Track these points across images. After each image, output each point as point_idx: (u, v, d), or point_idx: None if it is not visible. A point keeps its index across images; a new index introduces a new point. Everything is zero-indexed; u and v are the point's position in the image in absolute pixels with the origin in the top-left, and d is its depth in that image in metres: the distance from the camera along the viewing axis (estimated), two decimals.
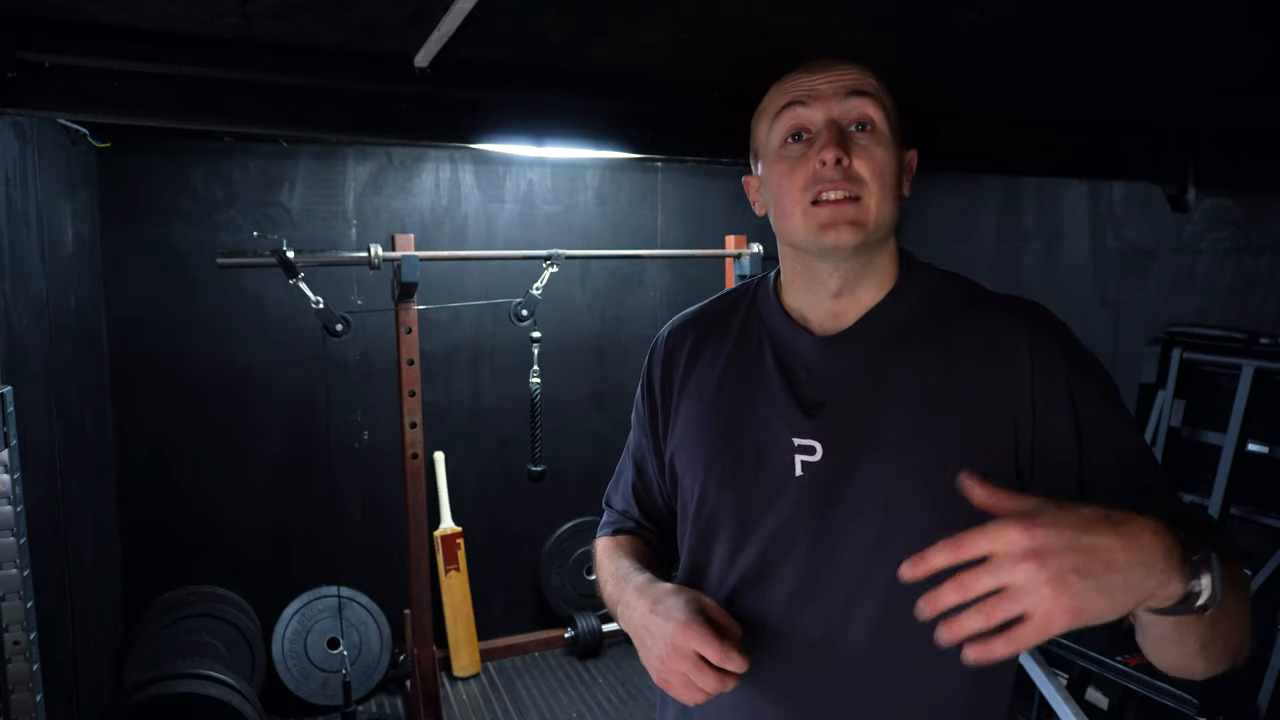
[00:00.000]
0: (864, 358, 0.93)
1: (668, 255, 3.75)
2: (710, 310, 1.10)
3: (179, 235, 3.10)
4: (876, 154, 0.90)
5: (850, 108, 0.91)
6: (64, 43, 1.43)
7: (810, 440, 0.92)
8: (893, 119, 0.93)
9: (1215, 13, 1.40)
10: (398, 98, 1.70)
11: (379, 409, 3.41)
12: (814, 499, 0.91)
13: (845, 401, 0.92)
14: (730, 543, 0.97)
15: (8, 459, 1.56)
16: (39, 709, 1.60)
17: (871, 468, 0.89)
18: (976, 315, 0.93)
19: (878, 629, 0.88)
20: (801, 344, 0.97)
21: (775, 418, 0.95)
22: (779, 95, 0.95)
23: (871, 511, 0.89)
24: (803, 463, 0.92)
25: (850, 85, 0.91)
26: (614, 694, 3.31)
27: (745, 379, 0.99)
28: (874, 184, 0.89)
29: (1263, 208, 2.70)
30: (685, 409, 1.04)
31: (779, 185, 0.93)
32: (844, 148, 0.89)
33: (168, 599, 3.08)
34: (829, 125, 0.90)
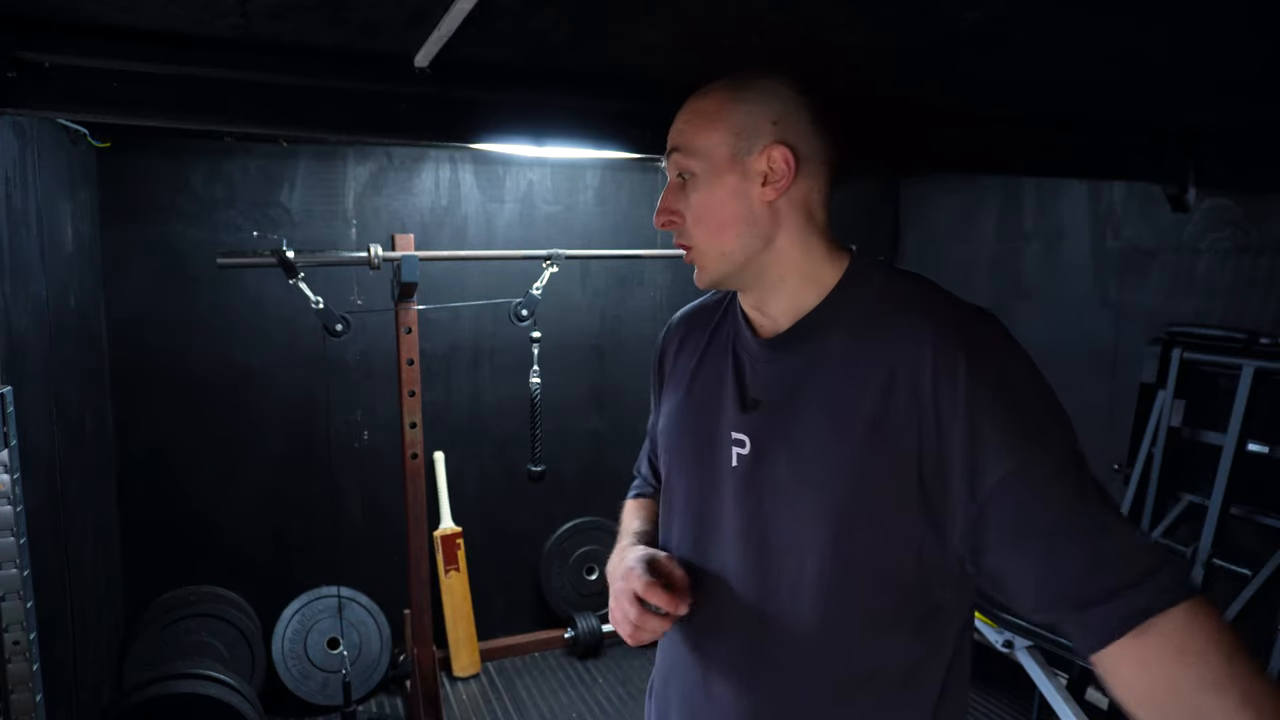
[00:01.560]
0: (795, 361, 0.99)
1: (668, 255, 3.74)
2: (703, 308, 1.18)
3: (179, 235, 3.10)
4: (693, 200, 0.98)
5: (674, 165, 1.00)
6: (64, 43, 1.43)
7: (742, 434, 1.00)
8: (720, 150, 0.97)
9: (1215, 12, 1.40)
10: (398, 98, 1.70)
11: (379, 409, 3.41)
12: (742, 489, 0.99)
13: (774, 401, 0.99)
14: (681, 523, 1.08)
15: (8, 459, 1.56)
16: (39, 709, 1.60)
17: (786, 465, 0.96)
18: (908, 326, 0.92)
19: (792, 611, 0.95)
20: (748, 343, 1.05)
21: (724, 411, 1.03)
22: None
23: (784, 506, 0.96)
24: (737, 455, 1.00)
25: (672, 141, 1.01)
26: (614, 694, 3.31)
27: (712, 372, 1.08)
28: (696, 230, 0.99)
29: (1263, 208, 2.70)
30: (668, 396, 1.15)
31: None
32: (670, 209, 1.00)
33: (168, 599, 3.08)
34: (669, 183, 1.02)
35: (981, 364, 0.88)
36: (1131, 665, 0.79)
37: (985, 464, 0.85)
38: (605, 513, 3.79)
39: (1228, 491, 2.53)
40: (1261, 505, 2.56)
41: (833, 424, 0.93)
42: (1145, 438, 2.81)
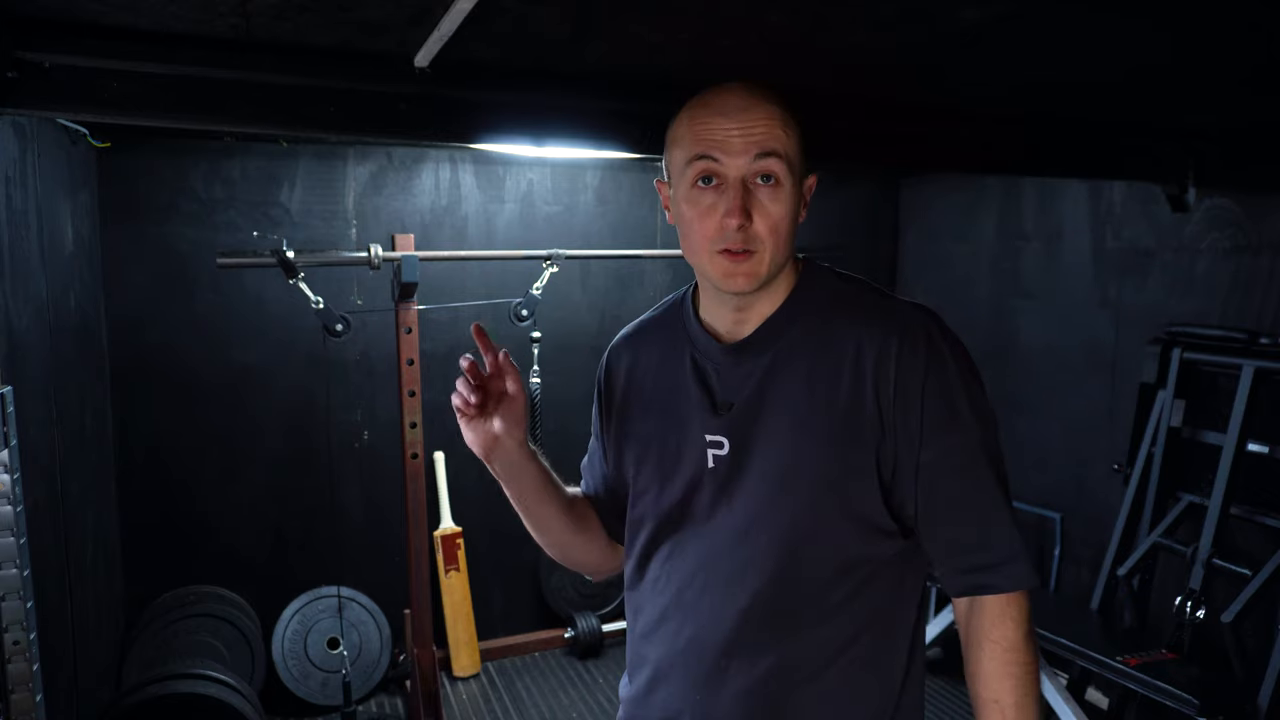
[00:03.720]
0: (761, 363, 1.06)
1: (668, 255, 3.75)
2: (649, 324, 1.23)
3: (179, 235, 3.10)
4: (774, 211, 1.00)
5: (758, 168, 1.00)
6: (64, 43, 1.43)
7: (719, 436, 1.06)
8: (795, 161, 1.02)
9: (1215, 12, 1.40)
10: (397, 97, 1.70)
11: (379, 409, 3.41)
12: (722, 485, 1.06)
13: (745, 402, 1.06)
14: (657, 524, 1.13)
15: (8, 459, 1.56)
16: (39, 709, 1.60)
17: (765, 458, 1.03)
18: (857, 323, 1.04)
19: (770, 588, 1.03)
20: (712, 351, 1.10)
21: (693, 418, 1.09)
22: (693, 138, 1.02)
23: (765, 494, 1.03)
24: (714, 455, 1.07)
25: (760, 144, 0.99)
26: (614, 694, 3.31)
27: (671, 385, 1.13)
28: (769, 240, 1.00)
29: (1263, 208, 2.70)
30: (625, 414, 1.19)
31: (689, 225, 1.04)
32: (746, 210, 0.99)
33: (168, 599, 3.08)
34: (737, 186, 1.00)
35: (931, 358, 1.01)
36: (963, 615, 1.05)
37: (925, 445, 1.01)
38: None
39: (1228, 491, 2.53)
40: (1261, 505, 2.56)
41: (805, 416, 1.02)
42: (1145, 438, 2.81)
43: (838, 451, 1.01)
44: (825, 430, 1.01)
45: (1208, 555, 2.51)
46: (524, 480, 1.19)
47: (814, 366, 1.03)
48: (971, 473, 1.02)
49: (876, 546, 1.04)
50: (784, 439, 1.03)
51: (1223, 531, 2.53)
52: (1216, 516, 2.53)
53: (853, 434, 1.01)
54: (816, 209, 3.00)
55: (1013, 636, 1.01)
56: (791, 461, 1.02)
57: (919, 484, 1.02)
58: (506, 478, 1.18)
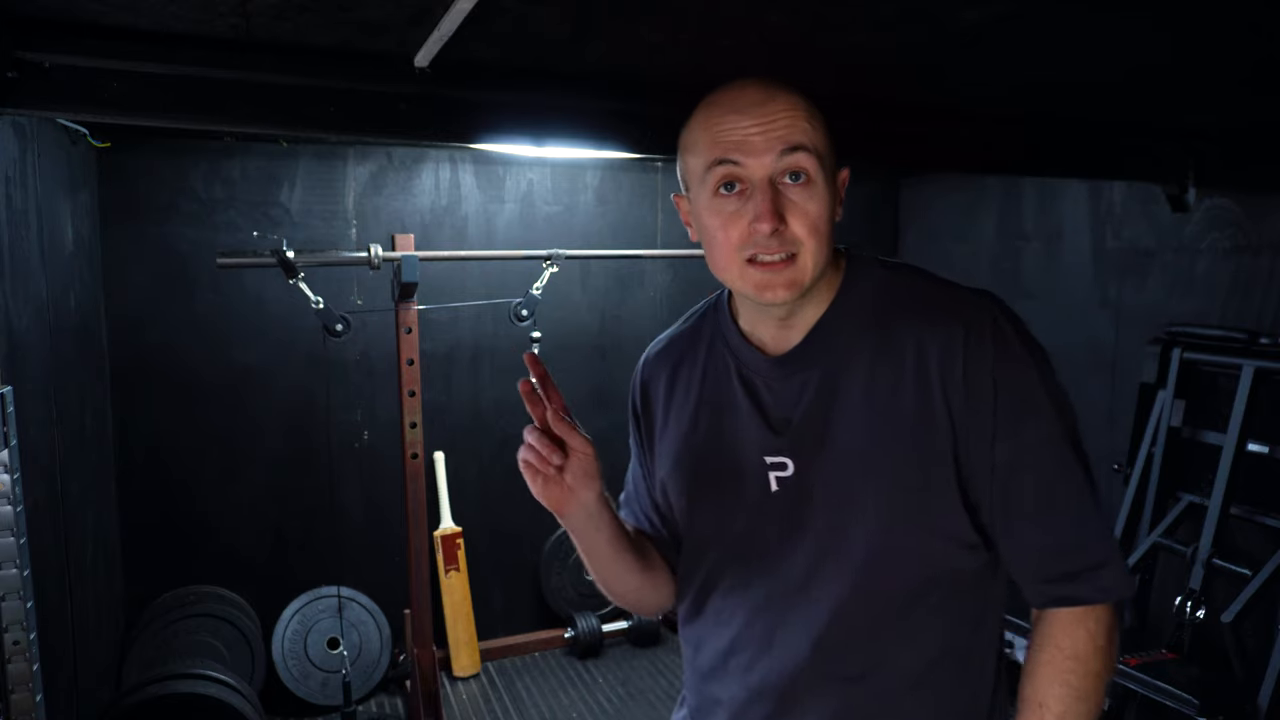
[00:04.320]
0: (815, 372, 0.97)
1: (668, 255, 3.75)
2: (680, 337, 1.13)
3: (179, 235, 3.10)
4: (810, 209, 0.91)
5: (785, 165, 0.90)
6: (64, 43, 1.43)
7: (781, 458, 0.97)
8: (825, 154, 0.93)
9: (1215, 11, 1.40)
10: (397, 98, 1.70)
11: (379, 409, 3.41)
12: (790, 509, 0.97)
13: (807, 417, 0.97)
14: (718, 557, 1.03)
15: (8, 459, 1.56)
16: (39, 709, 1.60)
17: (833, 477, 0.95)
18: (915, 319, 0.95)
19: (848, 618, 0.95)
20: (759, 364, 1.01)
21: (747, 438, 1.00)
22: (709, 141, 0.93)
23: (836, 516, 0.95)
24: (777, 478, 0.98)
25: (784, 139, 0.90)
26: (614, 694, 3.31)
27: (718, 403, 1.03)
28: (809, 241, 0.91)
29: (1263, 208, 2.70)
30: (669, 438, 1.08)
31: (713, 236, 0.95)
32: (779, 212, 0.90)
33: (168, 599, 3.08)
34: (764, 187, 0.90)
35: (1000, 347, 0.92)
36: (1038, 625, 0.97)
37: (999, 441, 0.92)
38: None
39: (1228, 491, 2.52)
40: (1261, 505, 2.56)
41: (871, 427, 0.93)
42: (1145, 438, 2.81)
43: (911, 462, 0.92)
44: (895, 440, 0.93)
45: (1208, 555, 2.51)
46: (600, 533, 1.05)
47: (874, 371, 0.95)
48: (1053, 468, 0.93)
49: (959, 561, 0.95)
50: (852, 454, 0.94)
51: (1223, 531, 2.52)
52: (1216, 516, 2.52)
53: (925, 442, 0.92)
54: None
55: (1083, 647, 0.92)
56: (862, 478, 0.94)
57: (995, 485, 0.93)
58: (581, 531, 1.05)
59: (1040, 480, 0.93)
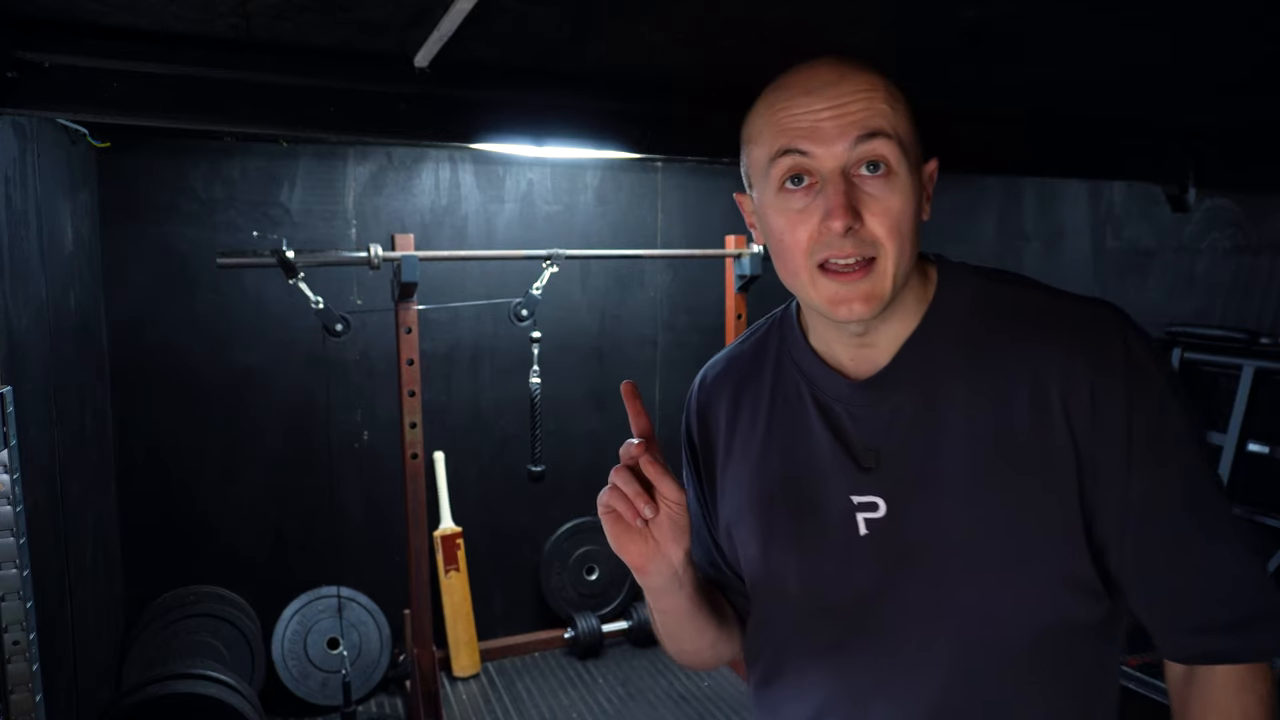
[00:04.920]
0: (909, 397, 0.84)
1: (668, 255, 3.74)
2: (741, 357, 0.99)
3: (179, 235, 3.10)
4: (892, 205, 0.78)
5: (862, 154, 0.78)
6: (64, 43, 1.43)
7: (871, 497, 0.84)
8: (909, 142, 0.81)
9: (1215, 11, 1.40)
10: (397, 98, 1.70)
11: (379, 409, 3.41)
12: (883, 557, 0.84)
13: (900, 449, 0.84)
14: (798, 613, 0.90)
15: (8, 459, 1.56)
16: (39, 709, 1.60)
17: (936, 520, 0.82)
18: (1028, 335, 0.82)
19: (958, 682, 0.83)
20: (839, 389, 0.87)
21: (829, 474, 0.86)
22: (774, 128, 0.81)
23: (941, 565, 0.82)
24: (866, 520, 0.84)
25: (860, 123, 0.78)
26: (614, 694, 3.31)
27: (791, 434, 0.90)
28: (890, 243, 0.78)
29: (1263, 208, 2.70)
30: (734, 473, 0.95)
31: (780, 238, 0.82)
32: (854, 209, 0.77)
33: (168, 599, 3.08)
34: (836, 180, 0.78)
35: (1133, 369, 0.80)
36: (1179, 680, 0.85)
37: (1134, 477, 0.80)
38: None
39: (1228, 492, 2.52)
40: (1262, 505, 2.56)
41: (980, 461, 0.81)
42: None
43: (1027, 500, 0.80)
44: (1007, 475, 0.80)
45: None
46: (683, 591, 0.90)
47: (978, 396, 0.82)
48: (1199, 505, 0.80)
49: (1081, 612, 0.82)
50: (956, 492, 0.81)
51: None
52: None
53: (1043, 476, 0.80)
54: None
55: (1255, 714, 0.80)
56: (970, 519, 0.81)
57: (1128, 526, 0.80)
58: (661, 591, 0.90)
59: (1185, 518, 0.80)
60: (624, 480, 0.82)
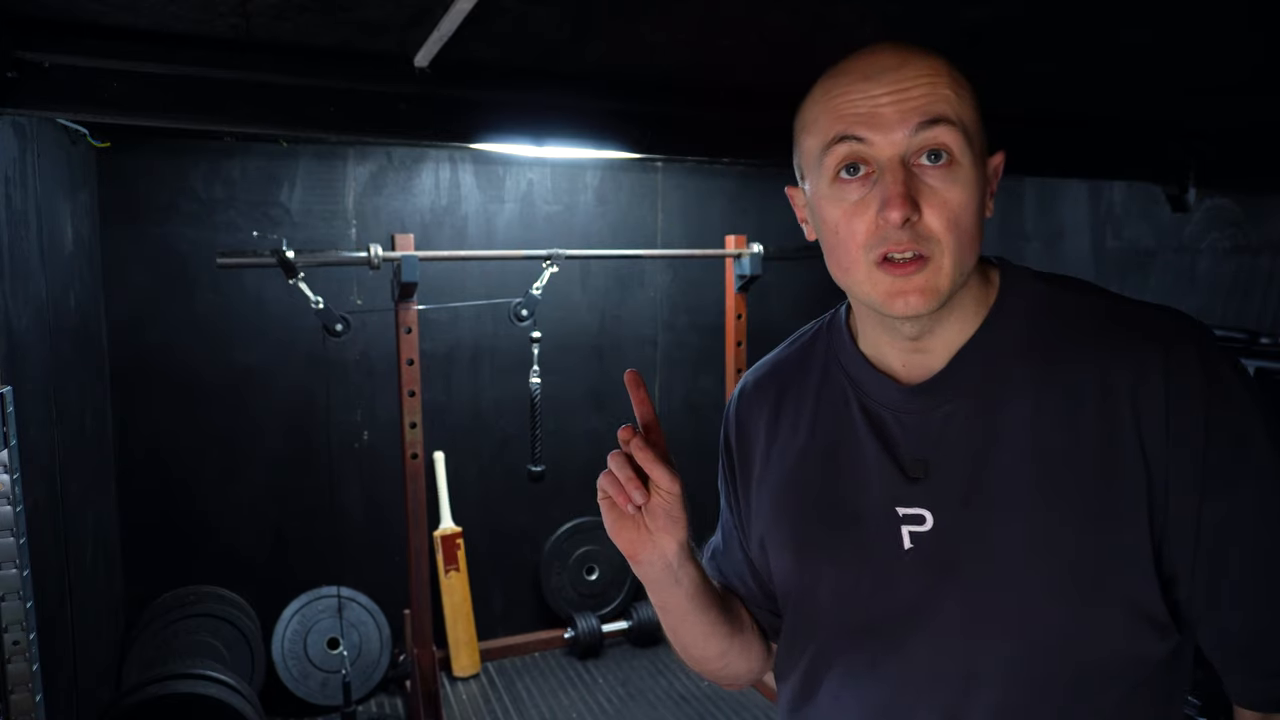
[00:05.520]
0: (964, 405, 0.79)
1: (668, 255, 3.74)
2: (786, 360, 0.95)
3: (179, 235, 3.10)
4: (952, 198, 0.74)
5: (923, 142, 0.74)
6: (64, 43, 1.43)
7: (917, 509, 0.79)
8: (974, 132, 0.77)
9: (1215, 11, 1.40)
10: (397, 98, 1.70)
11: (379, 409, 3.41)
12: (928, 573, 0.79)
13: (951, 460, 0.79)
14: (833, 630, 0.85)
15: (8, 459, 1.56)
16: (39, 709, 1.60)
17: (988, 537, 0.77)
18: (1096, 342, 0.77)
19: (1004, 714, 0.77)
20: (888, 394, 0.83)
21: (873, 484, 0.82)
22: (830, 115, 0.77)
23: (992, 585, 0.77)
24: (910, 534, 0.80)
25: (921, 109, 0.73)
26: (614, 694, 3.31)
27: (834, 441, 0.86)
28: (948, 238, 0.74)
29: (1263, 208, 2.70)
30: (770, 483, 0.91)
31: (833, 232, 0.78)
32: (913, 200, 0.73)
33: (168, 599, 3.08)
34: (894, 169, 0.74)
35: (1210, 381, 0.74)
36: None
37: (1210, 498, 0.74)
38: None
39: None
40: None
41: (1040, 476, 0.75)
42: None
43: (1091, 520, 0.74)
44: (1070, 492, 0.74)
45: None
46: (680, 587, 0.88)
47: (1040, 407, 0.77)
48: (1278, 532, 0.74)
49: (1144, 646, 0.76)
50: (1011, 507, 0.76)
51: None
52: None
53: (1110, 495, 0.74)
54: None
55: None
56: (1026, 539, 0.75)
57: (1200, 552, 0.74)
58: (656, 583, 0.88)
59: (1263, 548, 0.74)
60: (618, 465, 0.82)
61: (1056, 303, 0.81)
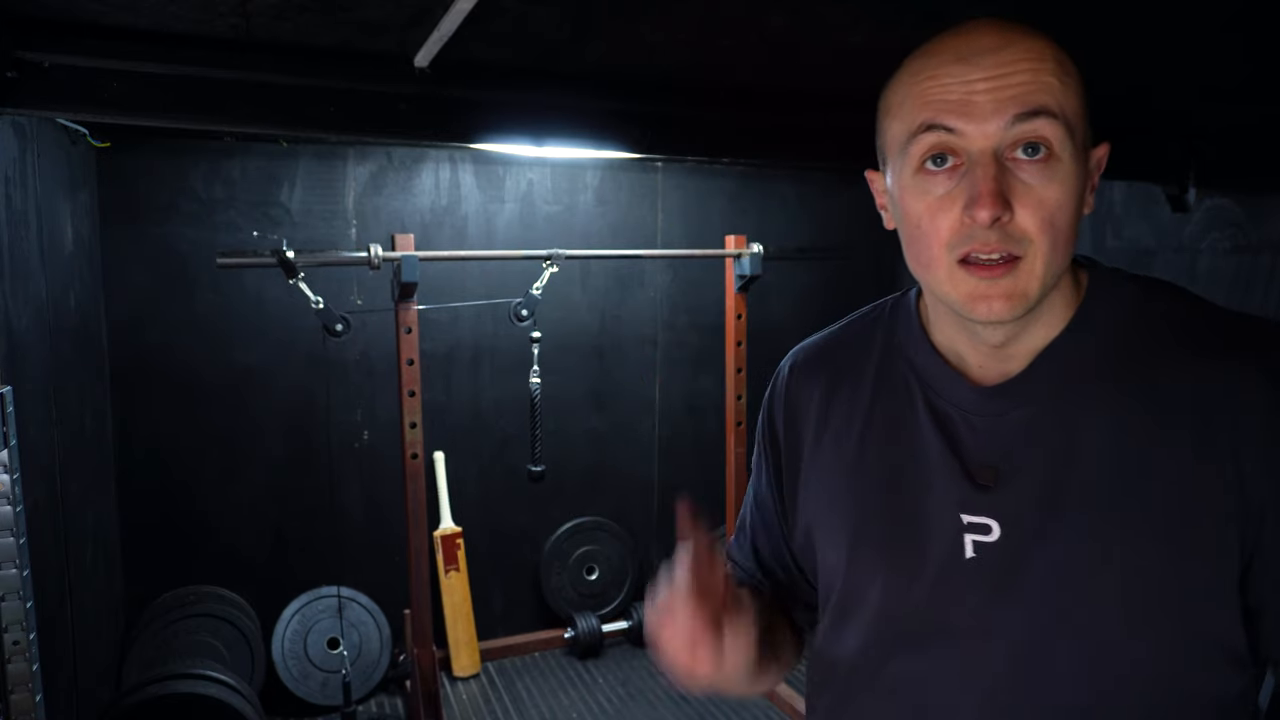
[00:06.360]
0: (1042, 412, 0.74)
1: (668, 255, 3.74)
2: (841, 342, 0.89)
3: (179, 235, 3.10)
4: (1049, 196, 0.68)
5: (1020, 134, 0.68)
6: (64, 43, 1.44)
7: (984, 517, 0.74)
8: (1076, 123, 0.70)
9: (1215, 11, 1.40)
10: (397, 98, 1.70)
11: (379, 409, 3.41)
12: (989, 587, 0.74)
13: (1024, 470, 0.73)
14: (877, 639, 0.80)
15: (8, 459, 1.56)
16: (39, 709, 1.60)
17: (1059, 554, 0.71)
18: (1189, 353, 0.72)
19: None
20: (960, 394, 0.78)
21: (936, 486, 0.77)
22: (918, 100, 0.72)
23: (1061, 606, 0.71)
24: (974, 543, 0.74)
25: (1021, 98, 0.68)
26: (614, 694, 3.31)
27: (894, 435, 0.81)
28: (1041, 239, 0.68)
29: (1263, 208, 2.70)
30: (821, 470, 0.86)
31: (915, 226, 0.73)
32: (1004, 198, 0.67)
33: (168, 599, 3.08)
34: (986, 162, 0.68)
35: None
36: None
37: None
38: (605, 513, 3.80)
39: None
40: None
41: (1122, 494, 0.70)
42: None
43: (1175, 544, 0.69)
44: (1154, 512, 0.69)
45: None
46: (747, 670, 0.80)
47: (1126, 419, 0.71)
48: None
49: (1217, 683, 0.71)
50: (1088, 525, 0.71)
51: None
52: None
53: (1199, 519, 0.69)
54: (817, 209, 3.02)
55: None
56: (1101, 559, 0.70)
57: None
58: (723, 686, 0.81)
59: None
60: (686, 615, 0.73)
61: (1148, 309, 0.76)
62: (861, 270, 4.02)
